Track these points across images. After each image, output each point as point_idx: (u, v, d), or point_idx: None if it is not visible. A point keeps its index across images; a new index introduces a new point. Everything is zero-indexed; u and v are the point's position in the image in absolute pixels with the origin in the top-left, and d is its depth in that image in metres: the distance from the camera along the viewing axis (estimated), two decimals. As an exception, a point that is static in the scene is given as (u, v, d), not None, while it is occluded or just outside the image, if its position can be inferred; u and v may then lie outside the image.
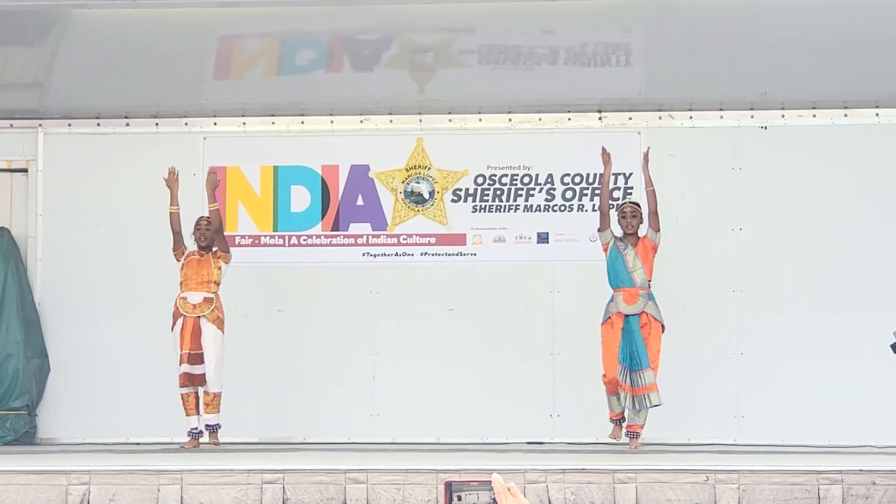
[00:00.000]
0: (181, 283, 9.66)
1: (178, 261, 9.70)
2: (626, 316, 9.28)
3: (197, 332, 9.56)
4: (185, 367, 9.53)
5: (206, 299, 9.63)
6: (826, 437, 10.03)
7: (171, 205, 9.75)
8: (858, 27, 9.95)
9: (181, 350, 9.56)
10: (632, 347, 9.24)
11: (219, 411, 9.62)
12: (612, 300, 9.42)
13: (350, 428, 10.53)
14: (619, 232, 9.53)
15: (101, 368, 10.63)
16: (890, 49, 10.03)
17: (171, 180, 9.78)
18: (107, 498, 7.17)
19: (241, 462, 7.64)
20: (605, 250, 9.48)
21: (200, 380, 9.56)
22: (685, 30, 10.13)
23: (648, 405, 9.25)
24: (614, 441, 9.49)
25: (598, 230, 9.59)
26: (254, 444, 10.22)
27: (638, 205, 9.60)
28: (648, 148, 9.69)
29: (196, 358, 9.53)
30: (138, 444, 10.28)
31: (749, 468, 7.27)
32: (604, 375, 9.39)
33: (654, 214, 9.43)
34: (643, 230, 9.49)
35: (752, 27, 10.01)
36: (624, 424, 9.41)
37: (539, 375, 10.49)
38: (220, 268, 9.70)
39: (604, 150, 9.58)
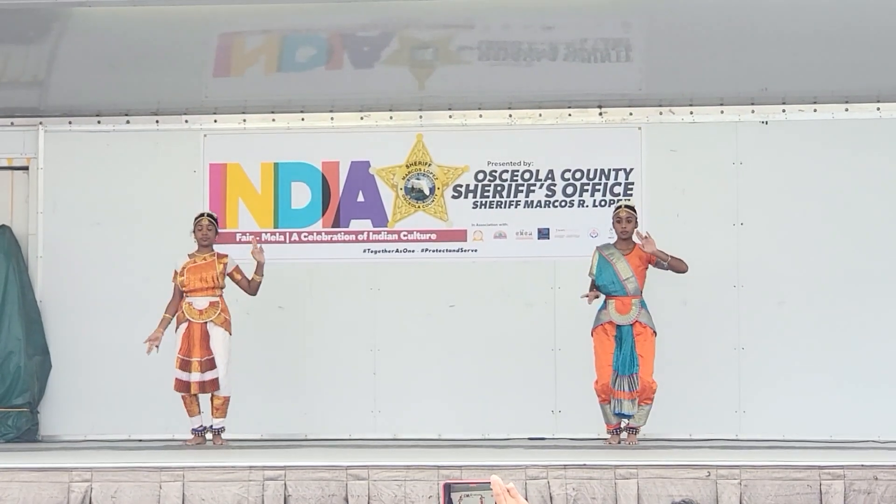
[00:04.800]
0: (184, 289, 9.58)
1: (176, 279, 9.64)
2: (619, 326, 9.31)
3: (206, 338, 9.53)
4: (196, 376, 9.47)
5: (211, 304, 9.59)
6: (828, 431, 10.04)
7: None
8: (859, 21, 9.94)
9: (187, 357, 9.47)
10: (626, 354, 9.24)
11: (226, 416, 9.60)
12: (604, 307, 9.43)
13: (351, 424, 10.53)
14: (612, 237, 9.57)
15: (103, 365, 10.63)
16: (891, 43, 10.02)
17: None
18: (109, 495, 7.18)
19: (243, 459, 7.65)
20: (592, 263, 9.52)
21: (213, 385, 9.51)
22: (685, 25, 10.12)
23: (646, 408, 9.29)
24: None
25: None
26: (255, 441, 10.22)
27: (633, 208, 9.60)
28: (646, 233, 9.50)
29: (208, 364, 9.51)
30: (140, 441, 10.28)
31: (751, 463, 7.29)
32: (596, 382, 9.39)
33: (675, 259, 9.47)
34: (636, 238, 9.49)
35: (753, 22, 10.00)
36: (622, 428, 9.40)
37: (540, 371, 10.48)
38: (223, 273, 9.63)
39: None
